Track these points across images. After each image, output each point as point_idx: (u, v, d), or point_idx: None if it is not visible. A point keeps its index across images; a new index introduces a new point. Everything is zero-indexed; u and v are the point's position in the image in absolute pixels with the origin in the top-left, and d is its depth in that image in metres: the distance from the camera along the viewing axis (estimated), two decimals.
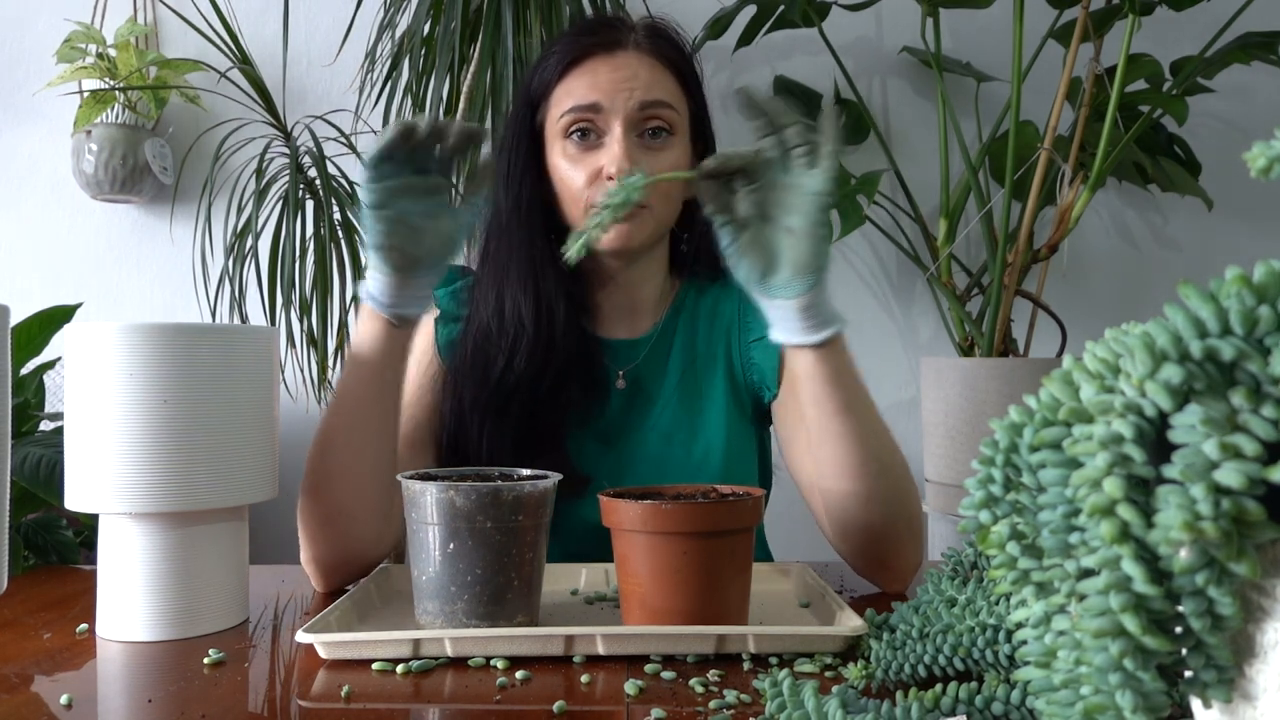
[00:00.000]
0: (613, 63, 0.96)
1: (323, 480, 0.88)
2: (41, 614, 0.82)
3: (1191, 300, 0.32)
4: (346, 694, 0.61)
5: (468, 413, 0.98)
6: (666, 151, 0.97)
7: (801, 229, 0.77)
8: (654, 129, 0.96)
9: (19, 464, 1.46)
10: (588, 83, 0.96)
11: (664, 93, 0.97)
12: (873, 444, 0.86)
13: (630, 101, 0.94)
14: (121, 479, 0.72)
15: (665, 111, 0.96)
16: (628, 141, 0.94)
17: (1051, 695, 0.35)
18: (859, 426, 0.85)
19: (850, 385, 0.85)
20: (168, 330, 0.72)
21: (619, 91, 0.94)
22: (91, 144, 2.00)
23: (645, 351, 1.05)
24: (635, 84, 0.95)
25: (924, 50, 1.99)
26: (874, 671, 0.60)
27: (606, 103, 0.94)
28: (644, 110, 0.95)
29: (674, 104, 0.97)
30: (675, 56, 1.00)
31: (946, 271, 1.95)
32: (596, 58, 0.96)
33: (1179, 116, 1.93)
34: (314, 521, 0.87)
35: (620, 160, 0.93)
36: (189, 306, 2.01)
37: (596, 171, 0.95)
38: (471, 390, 0.98)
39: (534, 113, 1.00)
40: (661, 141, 0.97)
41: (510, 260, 0.99)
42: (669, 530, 0.69)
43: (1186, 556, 0.31)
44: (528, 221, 0.99)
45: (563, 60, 0.97)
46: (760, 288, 0.80)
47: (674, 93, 0.98)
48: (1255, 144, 0.33)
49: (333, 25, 2.13)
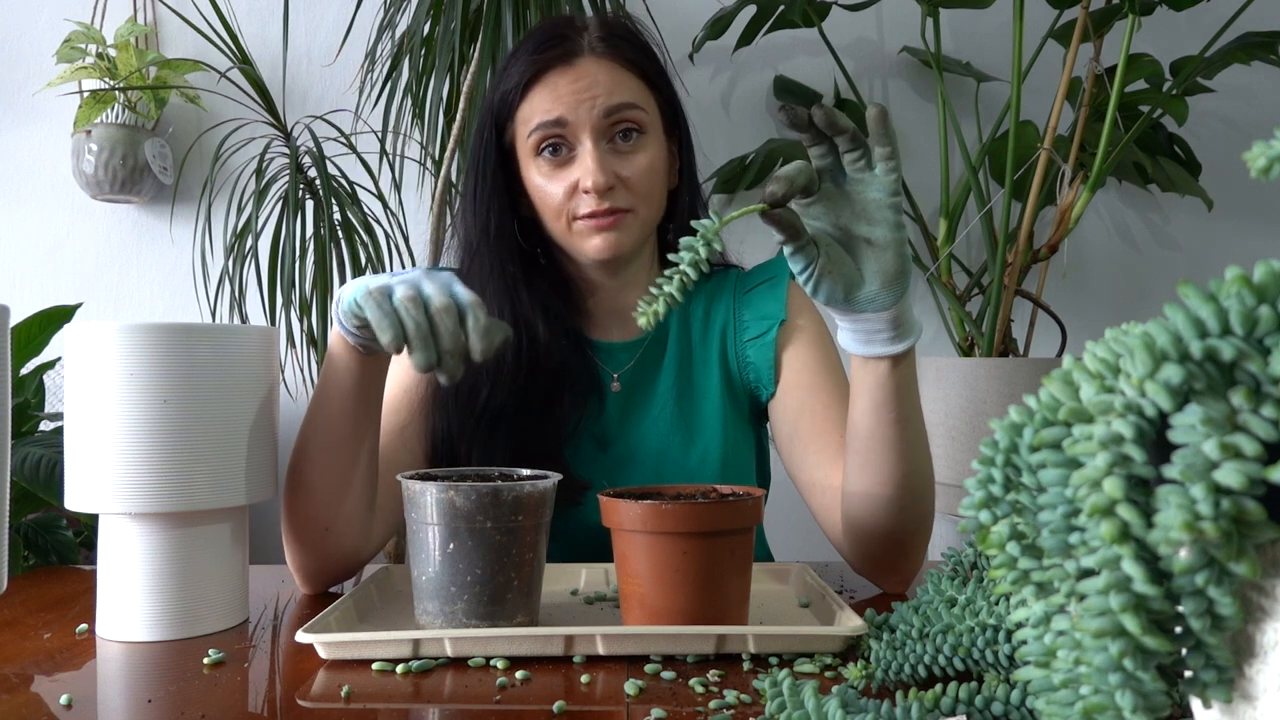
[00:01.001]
0: (571, 73, 0.94)
1: (298, 493, 0.86)
2: (41, 614, 0.82)
3: (1191, 300, 0.32)
4: (346, 694, 0.61)
5: (455, 439, 0.97)
6: (640, 153, 0.96)
7: (882, 238, 0.72)
8: (624, 131, 0.95)
9: (19, 464, 1.46)
10: (549, 98, 0.94)
11: (627, 94, 0.95)
12: (920, 456, 0.84)
13: (594, 111, 0.93)
14: (121, 479, 0.72)
15: (632, 113, 0.95)
16: (599, 151, 0.93)
17: (1051, 695, 0.35)
18: (913, 438, 0.82)
19: (915, 395, 0.82)
20: (168, 330, 0.72)
21: (581, 103, 0.93)
22: (91, 144, 2.00)
23: (639, 353, 1.04)
24: (597, 91, 0.94)
25: (924, 50, 1.99)
26: (874, 671, 0.60)
27: (571, 116, 0.93)
28: (610, 116, 0.94)
29: (640, 103, 0.96)
30: (634, 55, 0.98)
31: (946, 271, 1.96)
32: (554, 71, 0.95)
33: (1179, 116, 1.93)
34: (291, 530, 0.87)
35: (594, 173, 0.92)
36: (189, 306, 2.01)
37: (573, 186, 0.94)
38: (458, 417, 0.97)
39: (501, 133, 0.99)
40: (633, 143, 0.95)
41: (484, 286, 0.97)
42: (669, 530, 0.69)
43: (1186, 556, 0.31)
44: (497, 245, 0.98)
45: (522, 78, 0.96)
46: (846, 305, 0.74)
47: (638, 92, 0.97)
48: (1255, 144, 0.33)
49: (333, 25, 2.13)
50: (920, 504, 0.86)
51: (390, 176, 1.82)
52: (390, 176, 1.82)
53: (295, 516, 0.86)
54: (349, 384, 0.83)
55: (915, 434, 0.83)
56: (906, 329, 0.77)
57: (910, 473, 0.83)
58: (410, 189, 1.97)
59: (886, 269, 0.73)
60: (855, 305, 0.74)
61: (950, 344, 1.99)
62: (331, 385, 0.84)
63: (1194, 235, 2.21)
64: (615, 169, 0.94)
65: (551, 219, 0.97)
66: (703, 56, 2.11)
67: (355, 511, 0.86)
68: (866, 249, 0.73)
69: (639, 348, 1.05)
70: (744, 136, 2.17)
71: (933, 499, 0.88)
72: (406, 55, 1.79)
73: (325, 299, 1.73)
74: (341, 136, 1.84)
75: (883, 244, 0.72)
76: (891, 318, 0.76)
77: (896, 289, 0.74)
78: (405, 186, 1.88)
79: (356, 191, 1.82)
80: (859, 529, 0.87)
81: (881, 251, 0.72)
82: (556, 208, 0.95)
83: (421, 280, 0.76)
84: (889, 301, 0.74)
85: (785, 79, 2.16)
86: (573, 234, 0.96)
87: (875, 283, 0.73)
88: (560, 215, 0.96)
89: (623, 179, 0.94)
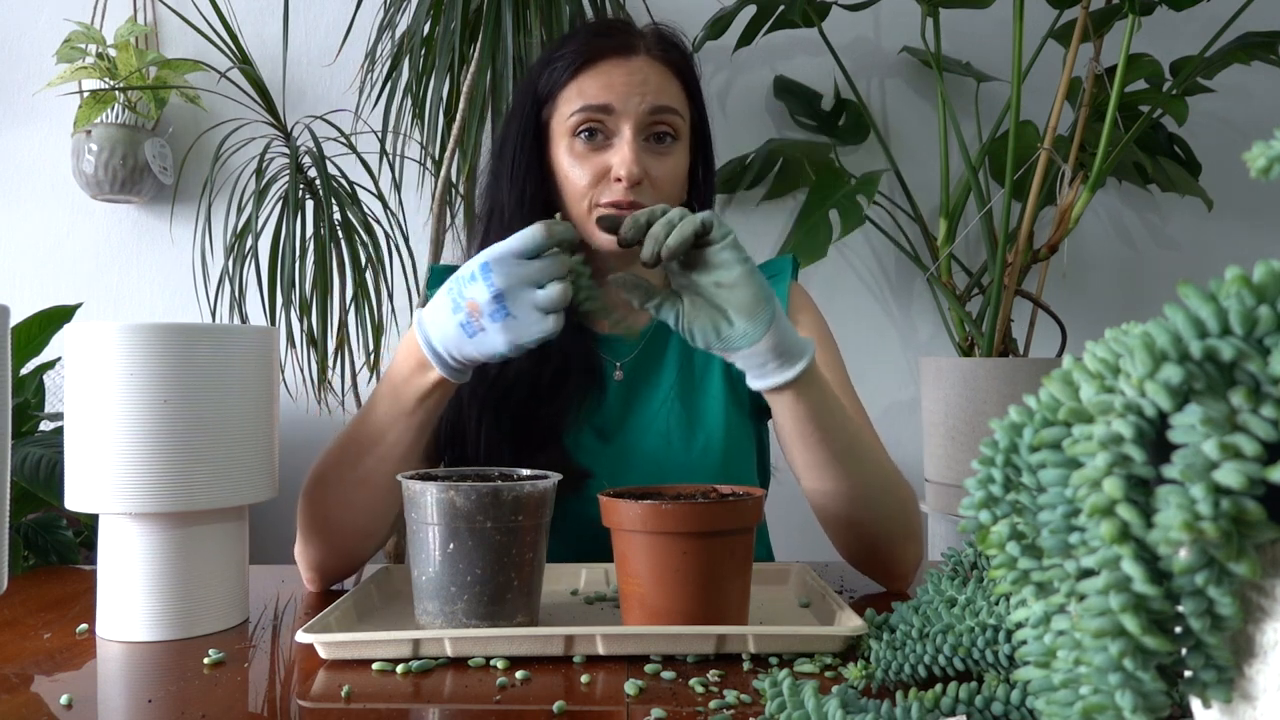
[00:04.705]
0: (627, 66, 0.96)
1: (332, 489, 0.88)
2: (41, 614, 0.82)
3: (1191, 300, 0.32)
4: (346, 694, 0.61)
5: (466, 404, 0.98)
6: (670, 157, 0.98)
7: (730, 278, 0.78)
8: (660, 134, 0.97)
9: (19, 464, 1.46)
10: (601, 83, 0.96)
11: (672, 99, 0.98)
12: (861, 461, 0.87)
13: (642, 105, 0.95)
14: (121, 479, 0.72)
15: (672, 118, 0.97)
16: (637, 144, 0.95)
17: (1051, 695, 0.35)
18: (846, 448, 0.86)
19: (832, 409, 0.85)
20: (167, 330, 0.72)
21: (632, 95, 0.95)
22: (91, 144, 2.00)
23: (643, 345, 1.05)
24: (647, 89, 0.96)
25: (924, 50, 1.99)
26: (874, 671, 0.60)
27: (619, 105, 0.95)
28: (654, 115, 0.96)
29: (680, 111, 0.99)
30: (682, 64, 1.01)
31: (946, 271, 1.96)
32: (611, 60, 0.97)
33: (1179, 116, 1.93)
34: (313, 524, 0.88)
35: (630, 163, 0.93)
36: (189, 306, 2.01)
37: (603, 171, 0.96)
38: (470, 383, 0.98)
39: (539, 110, 1.00)
40: (667, 146, 0.98)
41: None
42: (669, 530, 0.69)
43: (1186, 556, 0.31)
44: (530, 218, 0.99)
45: (576, 60, 0.97)
46: (723, 344, 0.80)
47: (680, 100, 0.99)
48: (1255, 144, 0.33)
49: (333, 25, 2.13)
50: (885, 502, 0.89)
51: (390, 176, 1.82)
52: (390, 176, 1.82)
53: (321, 510, 0.88)
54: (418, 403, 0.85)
55: (847, 444, 0.86)
56: (792, 354, 0.81)
57: (858, 480, 0.87)
58: (410, 189, 1.97)
59: (743, 302, 0.78)
60: (731, 343, 0.79)
61: (950, 344, 1.99)
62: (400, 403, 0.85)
63: (1193, 235, 2.21)
64: (647, 165, 0.96)
65: (574, 201, 0.98)
66: (702, 56, 2.10)
67: (386, 510, 0.89)
68: (720, 290, 0.79)
69: (642, 340, 1.06)
70: (744, 136, 2.17)
71: (903, 494, 0.91)
72: (406, 55, 1.79)
73: (325, 299, 1.72)
74: (341, 136, 1.84)
75: (731, 282, 0.78)
76: (770, 347, 0.79)
77: (760, 318, 0.78)
78: (405, 186, 1.87)
79: (356, 191, 1.82)
80: (836, 536, 0.92)
81: (732, 289, 0.78)
82: (582, 190, 0.96)
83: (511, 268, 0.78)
84: (758, 333, 0.78)
85: (785, 79, 2.16)
86: (591, 219, 0.97)
87: (740, 317, 0.78)
88: (583, 199, 0.97)
89: (651, 177, 0.96)
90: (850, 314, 2.17)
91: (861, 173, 1.92)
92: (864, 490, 0.87)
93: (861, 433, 0.90)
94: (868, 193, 1.82)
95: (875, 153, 2.09)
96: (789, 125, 2.18)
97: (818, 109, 2.15)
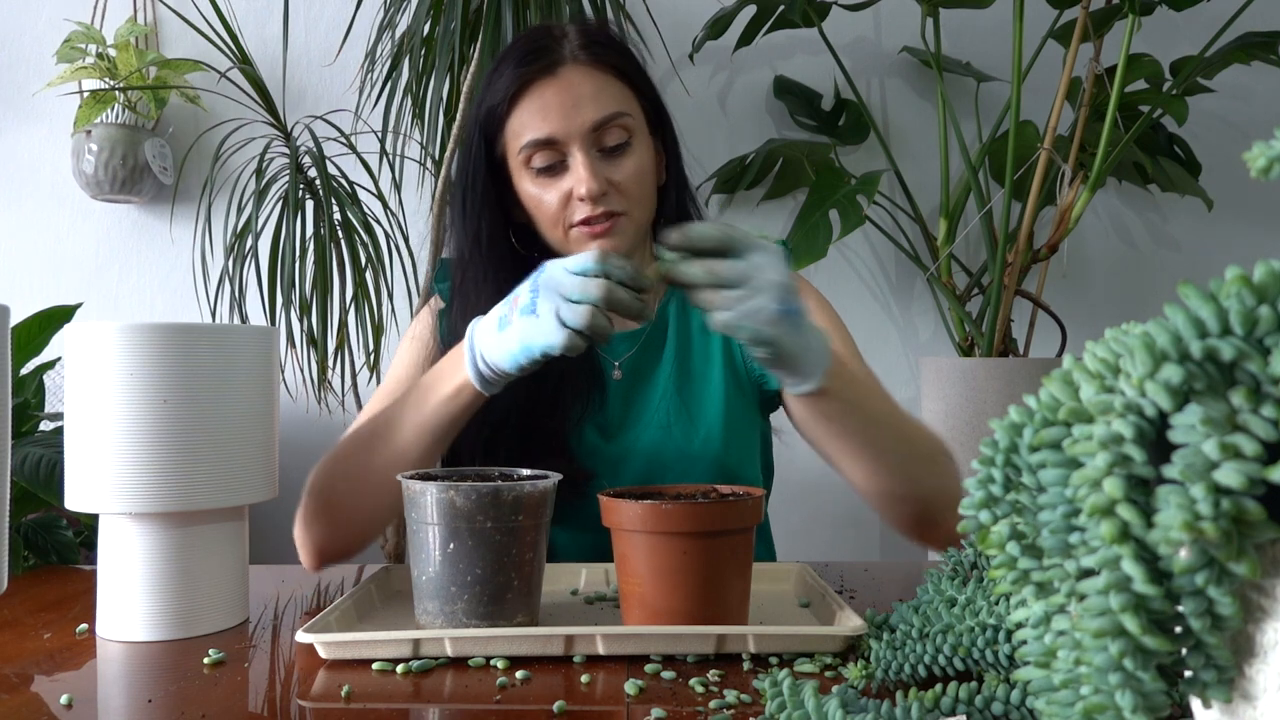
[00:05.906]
0: (556, 85, 0.95)
1: (345, 478, 0.89)
2: (41, 614, 0.82)
3: (1191, 300, 0.32)
4: (346, 694, 0.61)
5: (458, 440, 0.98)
6: (628, 157, 0.97)
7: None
8: (610, 144, 0.96)
9: (19, 464, 1.46)
10: (537, 114, 0.95)
11: (612, 102, 0.96)
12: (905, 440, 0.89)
13: (582, 124, 0.94)
14: (121, 479, 0.72)
15: (619, 121, 0.96)
16: (589, 159, 0.94)
17: (1051, 695, 0.35)
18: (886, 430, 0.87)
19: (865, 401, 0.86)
20: (167, 330, 0.72)
21: (569, 116, 0.94)
22: (91, 144, 2.00)
23: (640, 341, 1.06)
24: (583, 103, 0.95)
25: (924, 50, 1.99)
26: (874, 671, 0.60)
27: (561, 133, 0.94)
28: (598, 129, 0.95)
29: (626, 109, 0.97)
30: (615, 60, 0.99)
31: (946, 271, 1.96)
32: (539, 83, 0.95)
33: (1179, 116, 1.93)
34: (319, 508, 0.89)
35: (588, 181, 0.93)
36: (189, 306, 2.01)
37: (567, 195, 0.95)
38: None
39: (491, 145, 1.00)
40: (621, 150, 0.97)
41: (479, 294, 0.98)
42: (669, 530, 0.69)
43: (1186, 556, 0.31)
44: (489, 254, 1.00)
45: (508, 92, 0.97)
46: None
47: (622, 97, 0.98)
48: (1255, 144, 0.33)
49: (333, 25, 2.13)
50: (931, 474, 0.90)
51: (390, 176, 1.82)
52: (390, 176, 1.82)
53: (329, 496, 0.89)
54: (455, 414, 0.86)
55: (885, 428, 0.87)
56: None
57: (902, 459, 0.88)
58: (410, 189, 1.97)
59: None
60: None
61: (950, 344, 2.00)
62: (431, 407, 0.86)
63: (1193, 235, 2.21)
64: (606, 174, 0.95)
65: (548, 228, 0.98)
66: (702, 56, 2.11)
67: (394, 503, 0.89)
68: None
69: (639, 337, 1.06)
70: (744, 136, 2.17)
71: (946, 463, 0.92)
72: (406, 55, 1.79)
73: (325, 299, 1.73)
74: (341, 136, 1.84)
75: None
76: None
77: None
78: (405, 186, 1.88)
79: (356, 191, 1.82)
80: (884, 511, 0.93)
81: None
82: (553, 216, 0.97)
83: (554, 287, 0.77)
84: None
85: (785, 79, 2.16)
86: (570, 241, 0.97)
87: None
88: (557, 224, 0.97)
89: (614, 184, 0.96)
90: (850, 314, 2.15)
91: (861, 173, 1.92)
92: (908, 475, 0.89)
93: (894, 411, 0.91)
94: (868, 193, 1.82)
95: (875, 153, 2.09)
96: (789, 125, 2.18)
97: (818, 109, 2.15)
